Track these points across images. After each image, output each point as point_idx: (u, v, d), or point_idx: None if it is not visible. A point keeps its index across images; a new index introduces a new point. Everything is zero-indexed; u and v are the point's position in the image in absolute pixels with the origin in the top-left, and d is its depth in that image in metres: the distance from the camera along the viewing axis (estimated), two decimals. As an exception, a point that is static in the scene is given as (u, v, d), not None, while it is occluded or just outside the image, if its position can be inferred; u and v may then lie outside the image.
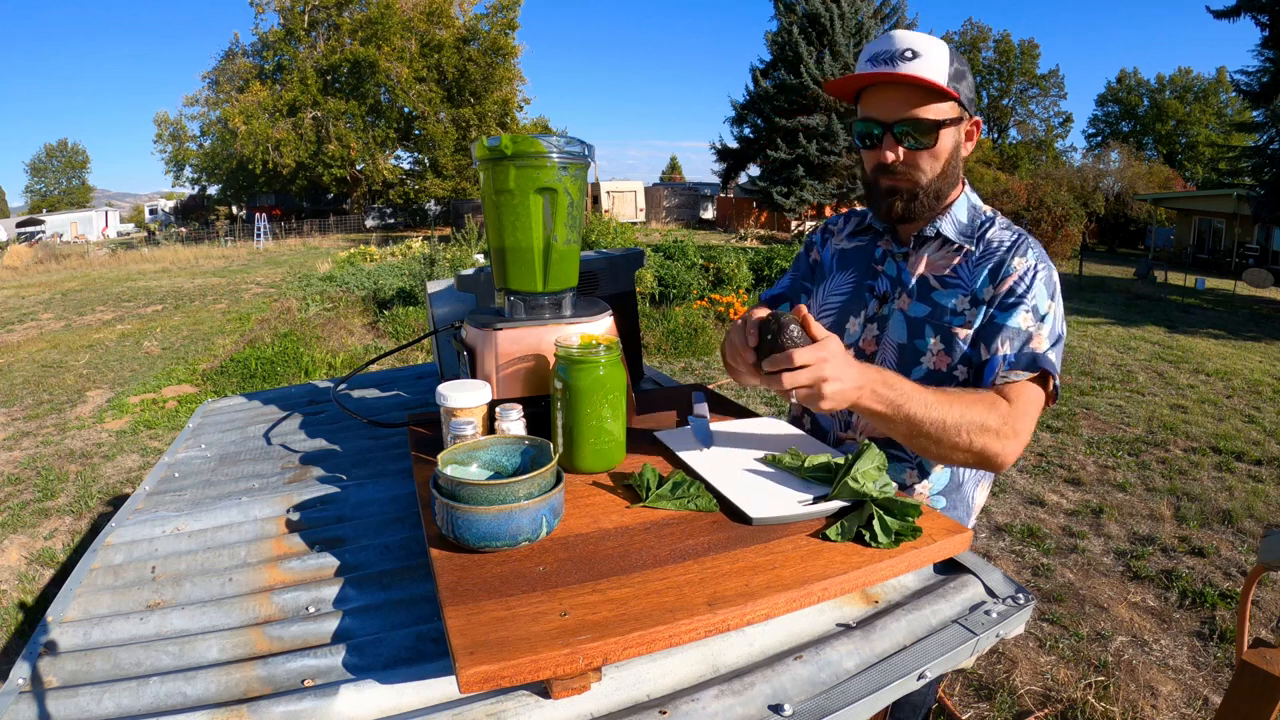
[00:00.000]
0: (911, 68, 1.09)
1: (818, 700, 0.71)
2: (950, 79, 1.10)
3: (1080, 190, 25.87)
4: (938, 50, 1.10)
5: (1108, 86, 46.80)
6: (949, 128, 1.13)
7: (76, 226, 36.55)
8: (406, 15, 28.70)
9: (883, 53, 1.12)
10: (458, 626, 0.68)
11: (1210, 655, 2.66)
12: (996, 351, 1.11)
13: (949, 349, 1.17)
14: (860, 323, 1.27)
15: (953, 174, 1.18)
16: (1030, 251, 1.15)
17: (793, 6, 23.93)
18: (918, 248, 1.23)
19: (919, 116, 1.11)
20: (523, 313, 1.15)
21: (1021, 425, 1.08)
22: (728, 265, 9.89)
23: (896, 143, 1.14)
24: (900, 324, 1.22)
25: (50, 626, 0.86)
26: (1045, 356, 1.10)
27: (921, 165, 1.15)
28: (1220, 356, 8.10)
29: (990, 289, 1.15)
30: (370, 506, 1.14)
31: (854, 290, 1.30)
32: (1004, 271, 1.14)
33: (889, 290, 1.25)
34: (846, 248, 1.36)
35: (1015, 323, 1.12)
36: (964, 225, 1.21)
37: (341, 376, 1.70)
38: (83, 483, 4.43)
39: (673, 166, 69.89)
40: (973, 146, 1.21)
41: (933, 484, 1.25)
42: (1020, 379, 1.10)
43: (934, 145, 1.13)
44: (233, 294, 12.82)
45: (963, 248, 1.19)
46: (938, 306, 1.19)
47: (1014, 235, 1.19)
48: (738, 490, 0.95)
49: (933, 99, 1.11)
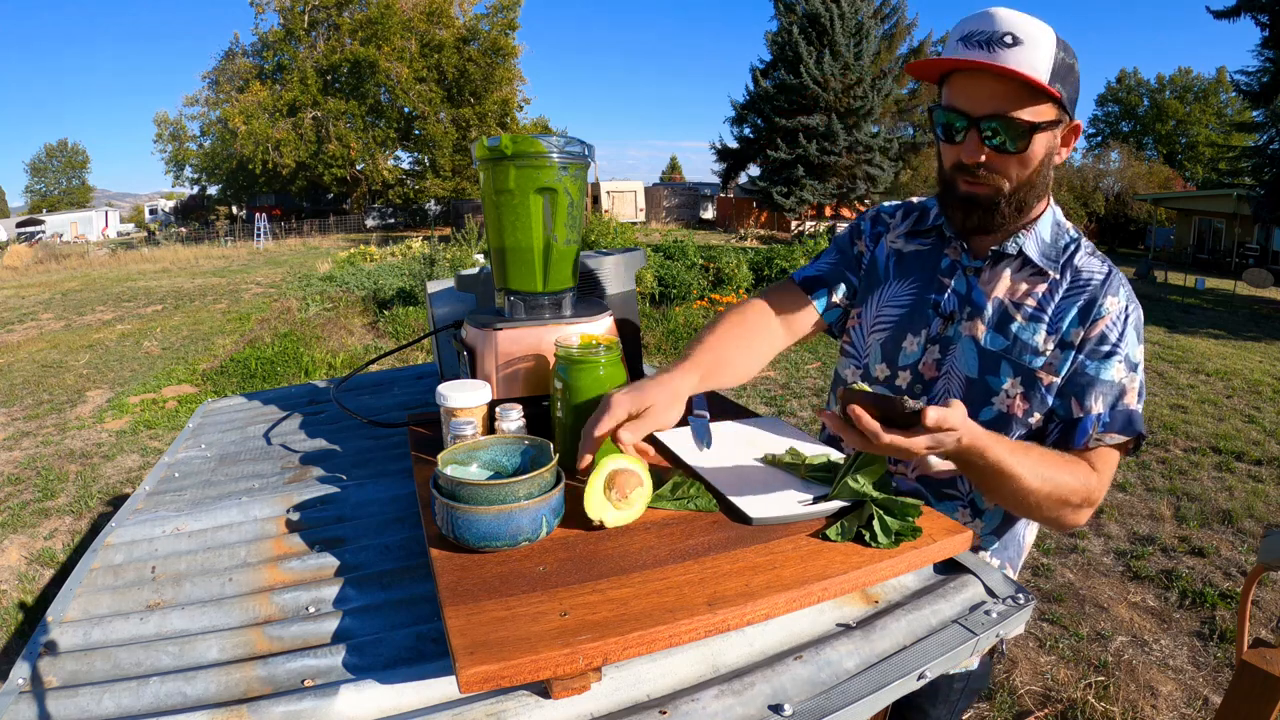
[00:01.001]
0: (1011, 57, 0.93)
1: (818, 700, 0.71)
2: (1053, 75, 0.94)
3: (1080, 190, 25.89)
4: (1044, 38, 0.94)
5: (1108, 86, 46.82)
6: (1045, 131, 0.98)
7: (76, 226, 36.56)
8: (406, 15, 28.71)
9: (978, 33, 0.95)
10: (458, 626, 0.68)
11: (1210, 655, 2.66)
12: (1090, 410, 1.01)
13: (1029, 393, 1.05)
14: (920, 343, 1.14)
15: (1041, 184, 1.04)
16: (1122, 290, 1.04)
17: (793, 6, 23.94)
18: (994, 264, 1.09)
19: (1012, 116, 0.96)
20: (523, 313, 1.15)
21: (1099, 496, 1.01)
22: (728, 265, 9.89)
23: (982, 143, 0.99)
24: (971, 354, 1.09)
25: (50, 626, 0.86)
26: (1138, 415, 1.02)
27: (1008, 171, 1.00)
28: (1220, 356, 8.10)
29: (1079, 330, 1.02)
30: (370, 506, 1.14)
31: (914, 303, 1.15)
32: (1096, 313, 1.02)
33: (956, 309, 1.11)
34: (905, 250, 1.20)
35: (1110, 376, 1.01)
36: (1047, 246, 1.07)
37: (341, 376, 1.70)
38: (83, 483, 4.43)
39: (673, 166, 69.93)
40: (1068, 152, 1.05)
41: (986, 524, 1.17)
42: (1115, 443, 1.01)
43: (1025, 150, 0.98)
44: (233, 294, 12.82)
45: (1046, 274, 1.06)
46: (1018, 341, 1.05)
47: (1104, 267, 1.06)
48: (738, 490, 0.95)
49: (1031, 97, 0.95)
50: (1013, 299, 1.07)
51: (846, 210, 25.06)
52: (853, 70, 23.25)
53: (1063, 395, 1.04)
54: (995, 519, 1.17)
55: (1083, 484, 0.99)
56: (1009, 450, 0.93)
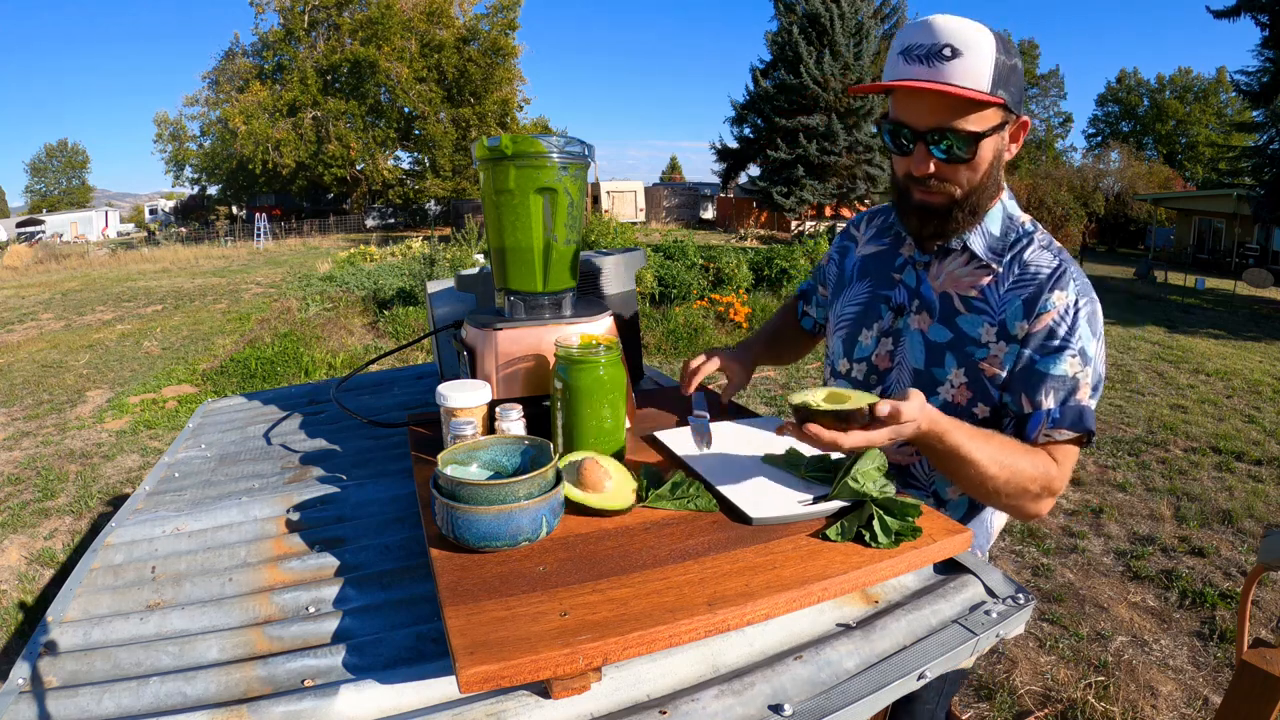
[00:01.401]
0: (951, 71, 0.94)
1: (818, 700, 0.71)
2: (995, 82, 0.95)
3: (1080, 190, 25.86)
4: (983, 44, 0.94)
5: (1108, 86, 46.83)
6: (991, 136, 0.99)
7: (76, 226, 36.55)
8: (406, 15, 28.70)
9: (917, 46, 0.96)
10: (458, 626, 0.68)
11: (1210, 655, 2.66)
12: (1040, 405, 1.03)
13: (972, 382, 1.08)
14: (874, 335, 1.19)
15: (993, 184, 1.06)
16: (1072, 284, 1.04)
17: (793, 6, 23.93)
18: (940, 258, 1.13)
19: (957, 128, 0.97)
20: (523, 313, 1.15)
21: (1060, 487, 1.03)
22: (728, 265, 9.89)
23: (930, 154, 1.01)
24: (918, 345, 1.12)
25: (50, 626, 0.86)
26: (1090, 411, 1.03)
27: (958, 178, 1.02)
28: (1220, 356, 8.10)
29: (1023, 324, 1.04)
30: (370, 506, 1.14)
31: (869, 300, 1.21)
32: (1041, 307, 1.03)
33: (905, 302, 1.16)
34: (867, 254, 1.26)
35: (1060, 370, 1.02)
36: (995, 240, 1.09)
37: (341, 376, 1.70)
38: (83, 483, 4.43)
39: (673, 166, 69.90)
40: (1017, 148, 1.07)
41: (950, 513, 1.20)
42: (1064, 438, 1.03)
43: (973, 158, 1.00)
44: (233, 294, 12.82)
45: (992, 267, 1.08)
46: (961, 333, 1.08)
47: (1054, 260, 1.06)
48: (738, 490, 0.95)
49: (975, 106, 0.97)
50: (958, 292, 1.10)
51: (846, 210, 25.03)
52: (853, 70, 23.24)
53: (1013, 390, 1.06)
54: (960, 509, 1.20)
55: (1042, 473, 1.01)
56: (968, 435, 0.96)
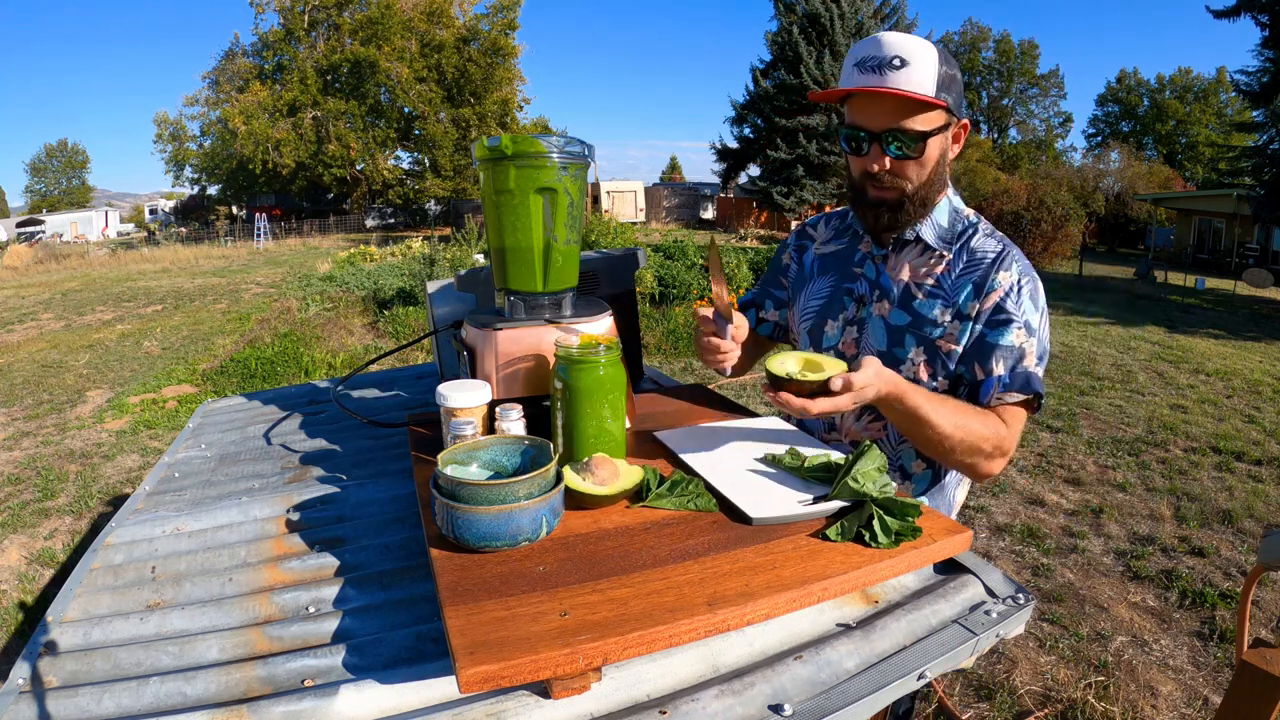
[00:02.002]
0: (899, 79, 1.07)
1: (818, 700, 0.71)
2: (939, 87, 1.08)
3: (1080, 190, 25.85)
4: (927, 56, 1.08)
5: (1108, 86, 46.81)
6: (936, 136, 1.13)
7: (76, 226, 36.54)
8: (406, 15, 28.70)
9: (869, 59, 1.09)
10: (458, 626, 0.68)
11: (1210, 655, 2.66)
12: (992, 372, 1.13)
13: (930, 359, 1.18)
14: (839, 325, 1.29)
15: (939, 180, 1.18)
16: (1014, 265, 1.16)
17: (793, 6, 23.94)
18: (897, 251, 1.24)
19: (907, 128, 1.10)
20: (523, 313, 1.15)
21: (1011, 446, 1.13)
22: (728, 265, 9.89)
23: (883, 153, 1.13)
24: (880, 330, 1.23)
25: (50, 626, 0.86)
26: (1037, 376, 1.13)
27: (908, 174, 1.15)
28: (1220, 356, 8.10)
29: (974, 304, 1.15)
30: (370, 506, 1.14)
31: (832, 293, 1.31)
32: (988, 286, 1.15)
33: (866, 293, 1.26)
34: (826, 252, 1.37)
35: (1008, 341, 1.13)
36: (944, 230, 1.21)
37: (341, 376, 1.70)
38: (83, 483, 4.43)
39: (673, 166, 69.89)
40: (959, 148, 1.20)
41: (915, 486, 1.28)
42: (1014, 401, 1.13)
43: (921, 155, 1.13)
44: (233, 294, 12.82)
45: (943, 255, 1.19)
46: (918, 316, 1.19)
47: (998, 246, 1.18)
48: (738, 490, 0.95)
49: (921, 109, 1.10)
50: (914, 280, 1.21)
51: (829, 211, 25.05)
52: (852, 70, 23.21)
53: (966, 361, 1.17)
54: (924, 482, 1.29)
55: (994, 433, 1.11)
56: (925, 398, 1.07)
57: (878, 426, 1.26)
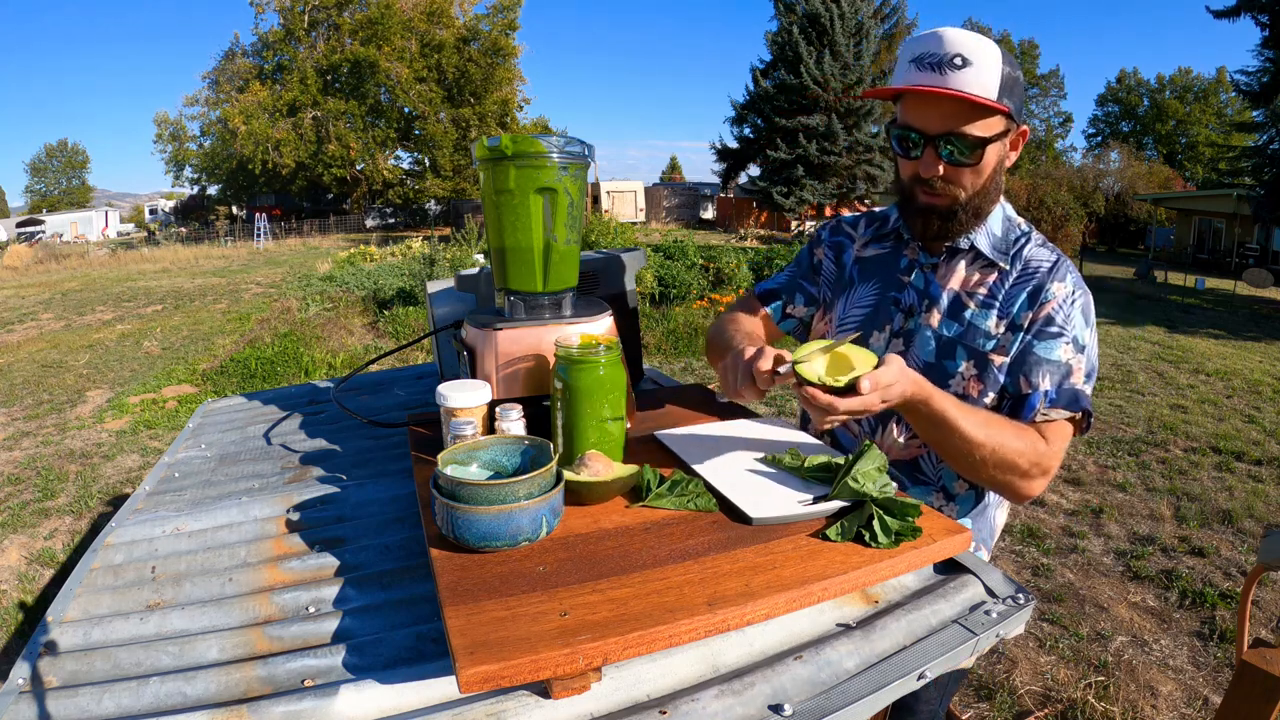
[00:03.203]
0: (961, 79, 0.99)
1: (818, 700, 0.71)
2: (1001, 90, 1.01)
3: (1080, 190, 25.84)
4: (990, 56, 1.00)
5: (1108, 86, 46.82)
6: (996, 142, 1.05)
7: (76, 226, 36.54)
8: (406, 15, 28.70)
9: (929, 55, 1.01)
10: (458, 626, 0.68)
11: (1210, 655, 2.66)
12: (1038, 386, 1.07)
13: (982, 374, 1.12)
14: (885, 337, 1.22)
15: (995, 189, 1.12)
16: (1069, 276, 1.10)
17: (793, 6, 23.94)
18: (949, 260, 1.17)
19: (965, 133, 1.03)
20: (523, 313, 1.15)
21: (1052, 465, 1.05)
22: (728, 265, 9.90)
23: (938, 157, 1.06)
24: (929, 342, 1.16)
25: (50, 626, 0.86)
26: (1085, 394, 1.07)
27: (963, 182, 1.08)
28: (1220, 356, 8.10)
29: (1028, 314, 1.09)
30: (370, 506, 1.14)
31: (878, 302, 1.23)
32: (1043, 297, 1.09)
33: (915, 303, 1.18)
34: (867, 255, 1.29)
35: (1056, 355, 1.07)
36: (998, 240, 1.14)
37: (341, 376, 1.70)
38: (83, 483, 4.43)
39: (673, 166, 69.89)
40: (1016, 156, 1.13)
41: (960, 507, 1.22)
42: (1060, 418, 1.06)
43: (979, 162, 1.06)
44: (233, 294, 12.82)
45: (997, 265, 1.13)
46: (971, 327, 1.13)
47: (1053, 256, 1.13)
48: (738, 490, 0.95)
49: (981, 113, 1.02)
50: (966, 289, 1.15)
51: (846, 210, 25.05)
52: (853, 70, 23.24)
53: (1011, 373, 1.11)
54: (968, 503, 1.23)
55: (1030, 448, 1.03)
56: (954, 404, 1.01)
57: (917, 443, 1.19)
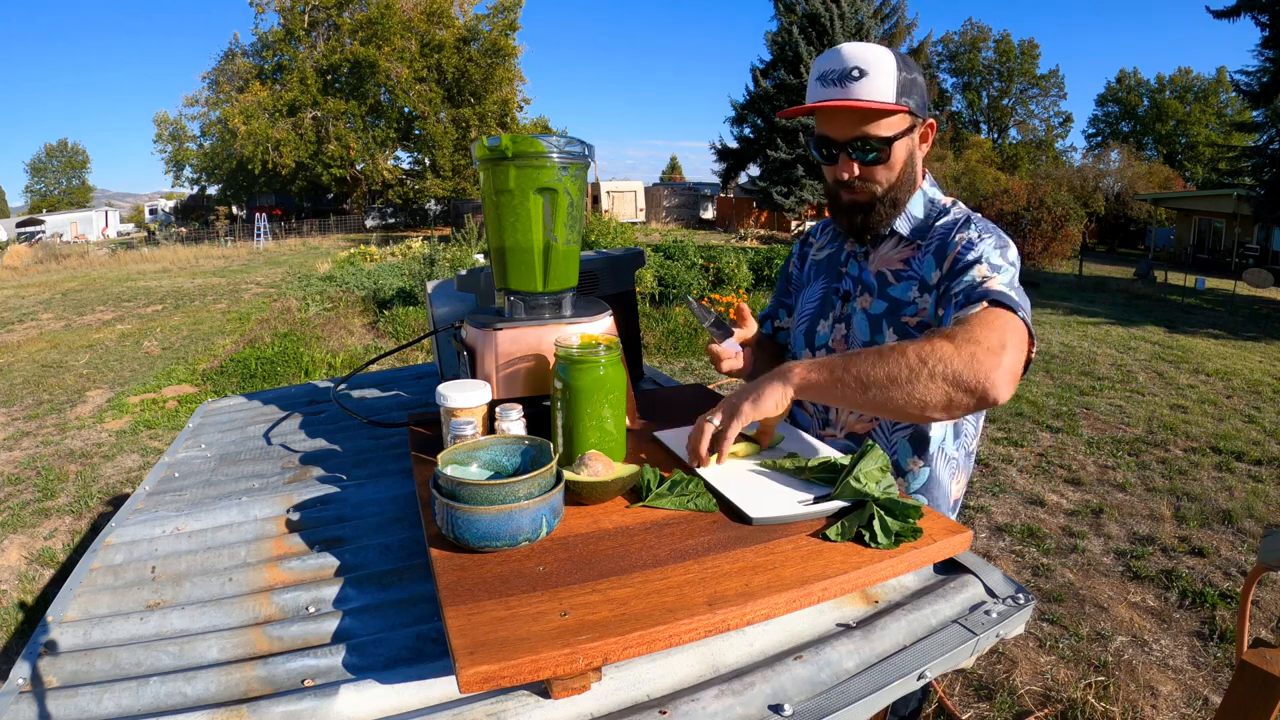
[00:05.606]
0: (859, 89, 1.11)
1: (818, 700, 0.71)
2: (899, 93, 1.12)
3: (1080, 190, 25.86)
4: (886, 64, 1.11)
5: (1108, 86, 46.81)
6: (902, 139, 1.17)
7: (76, 226, 36.51)
8: (406, 15, 28.69)
9: (831, 71, 1.13)
10: (458, 626, 0.68)
11: (1210, 655, 2.65)
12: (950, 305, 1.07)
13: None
14: (829, 324, 1.32)
15: (909, 179, 1.22)
16: (973, 226, 1.17)
17: (793, 6, 23.93)
18: (876, 246, 1.28)
19: (871, 135, 1.15)
20: (523, 313, 1.15)
21: (982, 335, 0.95)
22: (728, 265, 9.90)
23: (851, 160, 1.18)
24: (863, 322, 1.26)
25: (50, 626, 0.86)
26: (998, 290, 1.01)
27: (877, 178, 1.19)
28: (1220, 356, 8.10)
29: (937, 272, 1.17)
30: (370, 506, 1.14)
31: (824, 295, 1.36)
32: (947, 248, 1.16)
33: (851, 289, 1.30)
34: (820, 257, 1.42)
35: (969, 277, 1.07)
36: (918, 220, 1.24)
37: (341, 376, 1.70)
38: (83, 483, 4.43)
39: (673, 166, 69.89)
40: (929, 146, 1.24)
41: (909, 483, 1.29)
42: (972, 310, 1.00)
43: (888, 159, 1.17)
44: (233, 294, 12.82)
45: (917, 243, 1.23)
46: (894, 301, 1.22)
47: (961, 215, 1.21)
48: (738, 490, 0.95)
49: (884, 116, 1.13)
50: (890, 269, 1.25)
51: (834, 215, 25.04)
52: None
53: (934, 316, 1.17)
54: (920, 478, 1.29)
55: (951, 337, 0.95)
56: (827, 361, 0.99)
57: (866, 419, 1.28)
